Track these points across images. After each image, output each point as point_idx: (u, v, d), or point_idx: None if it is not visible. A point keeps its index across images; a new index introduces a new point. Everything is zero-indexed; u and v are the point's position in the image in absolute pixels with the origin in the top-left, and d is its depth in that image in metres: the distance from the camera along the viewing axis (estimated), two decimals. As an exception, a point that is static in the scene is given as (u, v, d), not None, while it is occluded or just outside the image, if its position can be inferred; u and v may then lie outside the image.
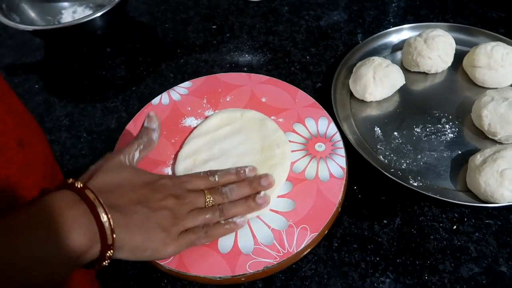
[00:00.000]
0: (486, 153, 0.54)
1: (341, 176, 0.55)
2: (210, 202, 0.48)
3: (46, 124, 0.69)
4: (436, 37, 0.66)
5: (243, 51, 0.79)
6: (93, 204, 0.37)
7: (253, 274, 0.48)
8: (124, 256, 0.41)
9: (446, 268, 0.50)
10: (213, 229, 0.48)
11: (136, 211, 0.42)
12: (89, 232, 0.36)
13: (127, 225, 0.40)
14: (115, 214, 0.39)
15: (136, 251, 0.41)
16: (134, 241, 0.41)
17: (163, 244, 0.43)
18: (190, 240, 0.46)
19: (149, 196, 0.44)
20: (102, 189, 0.40)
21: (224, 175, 0.51)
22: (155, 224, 0.43)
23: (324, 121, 0.61)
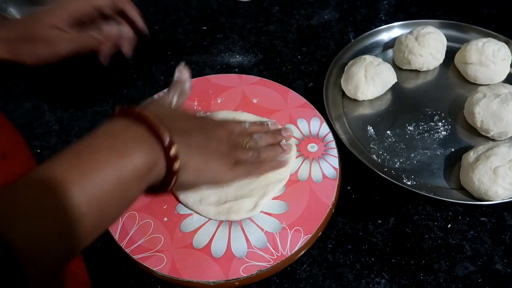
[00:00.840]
0: (479, 150, 0.54)
1: (334, 177, 0.54)
2: (246, 143, 0.50)
3: (36, 129, 0.68)
4: (427, 34, 0.66)
5: (234, 51, 0.78)
6: (151, 122, 0.37)
7: (247, 278, 0.47)
8: (189, 178, 0.41)
9: (441, 267, 0.50)
10: (262, 163, 0.51)
11: (195, 135, 0.42)
12: (150, 148, 0.37)
13: (189, 144, 0.41)
14: (176, 133, 0.38)
15: (199, 172, 0.42)
16: (196, 161, 0.41)
17: (223, 169, 0.45)
18: (244, 170, 0.48)
19: (203, 125, 0.46)
20: (158, 114, 0.39)
21: (252, 124, 0.54)
22: (213, 149, 0.44)
23: (316, 121, 0.60)
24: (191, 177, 0.41)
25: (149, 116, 0.37)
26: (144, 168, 0.36)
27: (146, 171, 0.36)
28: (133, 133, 0.37)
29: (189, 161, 0.40)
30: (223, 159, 0.45)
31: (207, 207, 0.52)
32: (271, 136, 0.54)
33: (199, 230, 0.51)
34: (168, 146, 0.37)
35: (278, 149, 0.54)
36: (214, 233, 0.50)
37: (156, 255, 0.49)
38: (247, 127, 0.53)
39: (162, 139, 0.37)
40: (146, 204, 0.53)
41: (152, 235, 0.50)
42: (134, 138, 0.36)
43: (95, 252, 0.53)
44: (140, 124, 0.37)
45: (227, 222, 0.51)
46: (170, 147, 0.37)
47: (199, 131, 0.44)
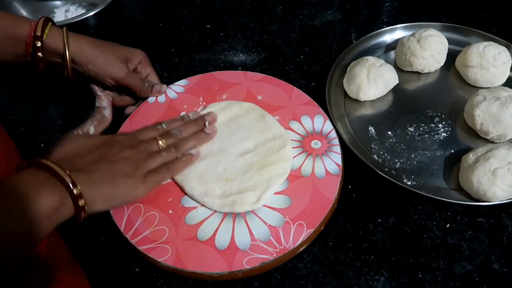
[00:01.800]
0: (479, 152, 0.55)
1: (337, 173, 0.55)
2: (163, 144, 0.53)
3: (40, 124, 0.68)
4: (429, 36, 0.67)
5: (237, 50, 0.79)
6: (52, 169, 0.42)
7: (250, 270, 0.48)
8: (100, 208, 0.46)
9: (439, 266, 0.51)
10: (173, 164, 0.53)
11: (97, 168, 0.46)
12: (55, 192, 0.41)
13: (91, 181, 0.45)
14: (77, 175, 0.43)
15: (108, 200, 0.47)
16: (102, 192, 0.46)
17: (132, 188, 0.48)
18: (156, 178, 0.51)
19: (106, 152, 0.49)
20: (60, 159, 0.45)
21: (170, 122, 0.57)
22: (118, 173, 0.47)
23: (319, 118, 0.61)
24: (101, 206, 0.46)
25: (51, 165, 0.42)
26: (51, 208, 0.40)
27: (54, 210, 0.41)
28: (39, 179, 0.41)
29: (94, 194, 0.45)
30: (131, 178, 0.48)
31: (212, 199, 0.53)
32: (193, 124, 0.58)
33: (203, 222, 0.52)
34: (71, 188, 0.42)
35: (202, 135, 0.57)
36: (219, 225, 0.51)
37: (161, 247, 0.50)
38: (165, 127, 0.56)
39: (65, 182, 0.42)
40: (151, 196, 0.54)
41: (157, 227, 0.51)
42: (40, 184, 0.41)
43: (101, 243, 0.54)
44: (46, 172, 0.42)
45: (231, 215, 0.52)
46: (72, 188, 0.42)
47: (102, 161, 0.47)
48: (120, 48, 0.61)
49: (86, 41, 0.58)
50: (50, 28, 0.56)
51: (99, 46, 0.59)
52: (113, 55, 0.59)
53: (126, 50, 0.62)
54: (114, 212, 0.52)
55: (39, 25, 0.55)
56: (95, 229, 0.55)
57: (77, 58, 0.57)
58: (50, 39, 0.55)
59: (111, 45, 0.61)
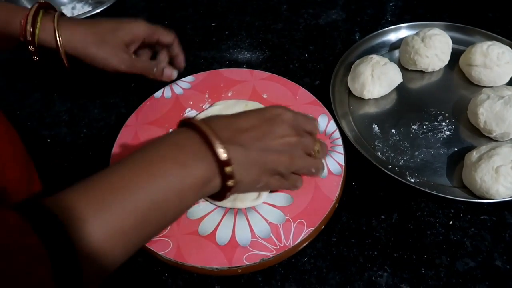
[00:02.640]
0: (482, 150, 0.55)
1: (339, 173, 0.55)
2: (316, 152, 0.47)
3: (46, 119, 0.69)
4: (433, 36, 0.67)
5: (242, 48, 0.79)
6: (211, 141, 0.38)
7: (249, 266, 0.48)
8: (242, 190, 0.42)
9: (442, 262, 0.51)
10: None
11: (255, 146, 0.41)
12: (209, 166, 0.38)
13: (245, 161, 0.40)
14: (233, 148, 0.39)
15: (253, 184, 0.42)
16: (252, 176, 0.41)
17: (278, 180, 0.45)
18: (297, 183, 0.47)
19: (268, 131, 0.43)
20: (220, 127, 0.40)
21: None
22: (272, 160, 0.42)
23: (324, 118, 0.61)
24: (244, 190, 0.43)
25: (208, 133, 0.38)
26: (202, 181, 0.38)
27: (203, 184, 0.38)
28: (195, 147, 0.38)
29: (244, 177, 0.41)
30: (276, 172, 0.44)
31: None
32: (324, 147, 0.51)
33: (205, 217, 0.52)
34: (224, 165, 0.38)
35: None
36: (220, 221, 0.52)
37: (162, 240, 0.50)
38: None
39: (219, 158, 0.38)
40: None
41: None
42: (195, 153, 0.38)
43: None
44: (201, 139, 0.38)
45: (233, 211, 0.53)
46: (225, 166, 0.38)
47: (259, 141, 0.42)
48: (117, 34, 0.58)
49: (80, 35, 0.56)
50: (42, 21, 0.54)
51: (95, 40, 0.56)
52: (111, 47, 0.57)
53: (124, 36, 0.58)
54: None
55: (29, 20, 0.53)
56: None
57: (74, 54, 0.56)
58: (42, 35, 0.54)
59: (108, 34, 0.57)
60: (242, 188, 0.42)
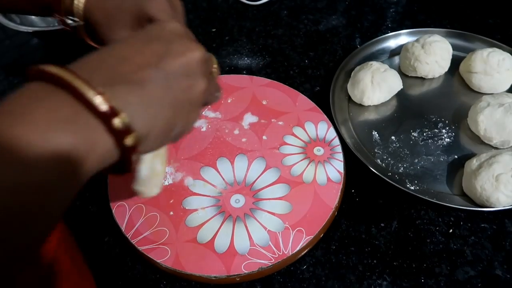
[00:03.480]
0: (482, 157, 0.55)
1: (338, 181, 0.55)
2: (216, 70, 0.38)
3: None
4: (433, 42, 0.67)
5: (242, 54, 0.79)
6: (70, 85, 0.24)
7: (248, 275, 0.48)
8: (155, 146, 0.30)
9: (442, 271, 0.51)
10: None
11: (151, 77, 0.28)
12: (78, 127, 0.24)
13: (143, 100, 0.27)
14: (119, 89, 0.26)
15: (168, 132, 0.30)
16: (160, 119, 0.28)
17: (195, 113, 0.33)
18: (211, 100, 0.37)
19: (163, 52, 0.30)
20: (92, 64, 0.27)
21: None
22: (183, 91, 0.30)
23: (323, 125, 0.61)
24: (159, 143, 0.30)
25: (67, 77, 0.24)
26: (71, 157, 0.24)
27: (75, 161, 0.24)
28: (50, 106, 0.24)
29: (151, 125, 0.28)
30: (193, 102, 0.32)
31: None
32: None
33: (203, 225, 0.52)
34: (108, 116, 0.25)
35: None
36: (218, 229, 0.52)
37: (161, 248, 0.50)
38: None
39: (95, 108, 0.24)
40: (153, 197, 0.54)
41: (158, 228, 0.52)
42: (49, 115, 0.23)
43: (102, 244, 0.55)
44: (62, 91, 0.24)
45: (231, 218, 0.52)
46: (111, 117, 0.25)
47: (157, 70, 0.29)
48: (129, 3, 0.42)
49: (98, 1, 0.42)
50: None
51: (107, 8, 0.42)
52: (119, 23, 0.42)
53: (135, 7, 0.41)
54: (116, 212, 0.53)
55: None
56: (99, 228, 0.56)
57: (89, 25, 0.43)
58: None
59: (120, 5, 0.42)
60: (154, 140, 0.29)
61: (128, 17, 0.42)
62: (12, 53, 0.83)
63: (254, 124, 0.62)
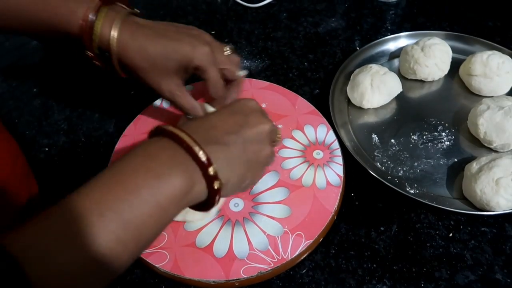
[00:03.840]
0: (482, 161, 0.54)
1: (338, 184, 0.55)
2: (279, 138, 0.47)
3: (44, 128, 0.69)
4: (433, 45, 0.67)
5: (242, 56, 0.79)
6: (186, 143, 0.35)
7: (247, 279, 0.48)
8: (231, 191, 0.40)
9: (442, 275, 0.51)
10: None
11: (233, 143, 0.39)
12: (187, 170, 0.35)
13: (228, 158, 0.38)
14: (212, 147, 0.36)
15: (241, 182, 0.41)
16: (237, 174, 0.39)
17: (260, 171, 0.44)
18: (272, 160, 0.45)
19: (242, 122, 0.41)
20: (193, 129, 0.37)
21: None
22: (253, 152, 0.41)
23: (323, 128, 0.61)
24: (233, 190, 0.41)
25: (182, 135, 0.35)
26: (182, 190, 0.34)
27: (184, 193, 0.35)
28: (170, 153, 0.35)
29: (230, 176, 0.38)
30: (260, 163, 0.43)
31: None
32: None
33: (202, 229, 0.52)
34: (205, 167, 0.35)
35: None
36: (217, 233, 0.51)
37: (159, 252, 0.50)
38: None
39: (199, 160, 0.35)
40: None
41: None
42: (171, 159, 0.35)
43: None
44: (176, 144, 0.35)
45: (230, 223, 0.52)
46: (208, 167, 0.35)
47: (236, 134, 0.40)
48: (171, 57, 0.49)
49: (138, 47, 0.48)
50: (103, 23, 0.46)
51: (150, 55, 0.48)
52: (164, 70, 0.50)
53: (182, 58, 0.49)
54: None
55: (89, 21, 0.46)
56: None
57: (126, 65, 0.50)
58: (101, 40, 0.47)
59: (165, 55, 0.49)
60: (230, 188, 0.39)
61: (174, 66, 0.50)
62: (11, 55, 0.83)
63: None
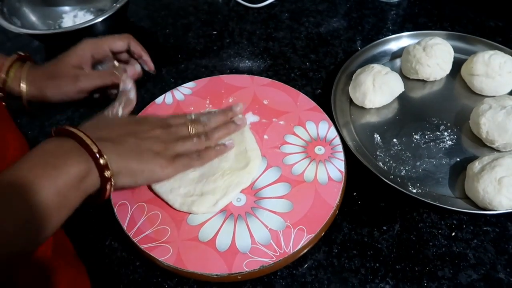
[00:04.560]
0: (484, 160, 0.55)
1: (339, 180, 0.55)
2: (193, 130, 0.53)
3: (46, 128, 0.69)
4: (435, 45, 0.67)
5: (243, 56, 0.79)
6: (79, 137, 0.42)
7: (249, 273, 0.48)
8: (125, 182, 0.46)
9: (445, 274, 0.51)
10: (204, 152, 0.53)
11: (126, 141, 0.47)
12: (82, 160, 0.41)
13: (118, 152, 0.45)
14: (105, 144, 0.43)
15: (134, 175, 0.46)
16: (129, 165, 0.45)
17: (159, 166, 0.48)
18: (185, 162, 0.50)
19: (136, 129, 0.49)
20: (90, 128, 0.45)
21: (198, 114, 0.56)
22: (147, 150, 0.48)
23: (324, 124, 0.61)
24: (127, 181, 0.46)
25: (77, 133, 0.43)
26: (77, 177, 0.40)
27: (79, 180, 0.41)
28: (66, 148, 0.42)
29: (120, 167, 0.44)
30: (159, 156, 0.48)
31: (175, 197, 0.53)
32: (221, 115, 0.57)
33: (205, 224, 0.52)
34: (97, 157, 0.42)
35: (232, 125, 0.56)
36: (220, 227, 0.52)
37: (163, 246, 0.50)
38: (193, 118, 0.55)
39: (91, 151, 0.42)
40: (155, 196, 0.55)
41: (160, 226, 0.52)
42: (66, 153, 0.41)
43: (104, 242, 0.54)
44: (72, 141, 0.42)
45: (233, 217, 0.52)
46: (99, 157, 0.42)
47: (131, 136, 0.47)
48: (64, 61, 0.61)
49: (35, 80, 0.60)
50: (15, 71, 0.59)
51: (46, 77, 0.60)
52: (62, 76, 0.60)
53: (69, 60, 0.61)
54: (118, 210, 0.53)
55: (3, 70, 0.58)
56: (100, 231, 0.56)
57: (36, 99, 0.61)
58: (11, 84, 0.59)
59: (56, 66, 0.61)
60: (124, 178, 0.45)
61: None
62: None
63: (255, 123, 0.62)
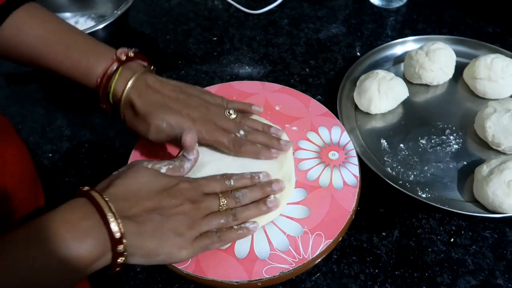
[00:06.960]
0: (492, 164, 0.54)
1: (354, 184, 0.54)
2: (224, 206, 0.48)
3: (48, 134, 0.68)
4: (437, 50, 0.67)
5: (243, 62, 0.79)
6: (104, 215, 0.38)
7: (269, 279, 0.47)
8: (137, 261, 0.42)
9: (443, 280, 0.50)
10: (226, 234, 0.47)
11: (150, 219, 0.42)
12: (100, 243, 0.38)
13: (139, 233, 0.41)
14: (127, 223, 0.40)
15: (149, 256, 0.42)
16: (146, 247, 0.41)
17: (177, 248, 0.43)
18: (204, 244, 0.46)
19: (164, 202, 0.44)
20: (117, 197, 0.41)
21: (239, 180, 0.50)
22: (169, 231, 0.43)
23: (337, 130, 0.61)
24: (139, 261, 0.42)
25: (103, 207, 0.39)
26: (90, 259, 0.37)
27: (91, 261, 0.38)
28: (85, 227, 0.38)
29: (137, 249, 0.41)
30: (180, 238, 0.44)
31: None
32: (258, 190, 0.51)
33: None
34: (116, 242, 0.39)
35: (263, 207, 0.50)
36: None
37: None
38: (232, 184, 0.50)
39: (113, 236, 0.38)
40: None
41: None
42: (87, 230, 0.38)
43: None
44: (94, 216, 0.39)
45: None
46: (118, 243, 0.39)
47: (157, 212, 0.43)
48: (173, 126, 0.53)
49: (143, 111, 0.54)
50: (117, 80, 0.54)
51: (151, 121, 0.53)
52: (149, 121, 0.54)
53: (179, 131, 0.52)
54: None
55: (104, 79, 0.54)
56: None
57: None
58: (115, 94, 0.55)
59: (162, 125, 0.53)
60: (137, 259, 0.42)
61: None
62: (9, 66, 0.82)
63: None
